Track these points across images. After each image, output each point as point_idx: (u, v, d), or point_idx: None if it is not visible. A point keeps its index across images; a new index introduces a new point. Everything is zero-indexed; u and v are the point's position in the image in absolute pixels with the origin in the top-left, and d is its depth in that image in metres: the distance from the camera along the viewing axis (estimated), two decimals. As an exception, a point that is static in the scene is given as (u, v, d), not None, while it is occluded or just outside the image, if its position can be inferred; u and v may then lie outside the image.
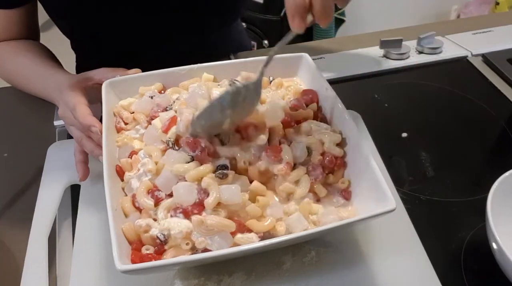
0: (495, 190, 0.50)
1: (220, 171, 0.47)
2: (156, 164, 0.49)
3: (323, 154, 0.51)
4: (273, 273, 0.49)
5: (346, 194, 0.50)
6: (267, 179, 0.50)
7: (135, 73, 0.59)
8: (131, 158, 0.51)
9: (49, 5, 0.74)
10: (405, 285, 0.48)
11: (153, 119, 0.53)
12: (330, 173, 0.51)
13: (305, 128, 0.53)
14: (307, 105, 0.57)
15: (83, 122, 0.52)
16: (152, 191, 0.47)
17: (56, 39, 1.09)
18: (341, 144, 0.53)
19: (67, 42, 0.89)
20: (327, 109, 0.58)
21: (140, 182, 0.48)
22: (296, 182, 0.49)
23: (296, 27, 0.45)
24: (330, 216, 0.47)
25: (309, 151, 0.51)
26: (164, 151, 0.50)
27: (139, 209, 0.47)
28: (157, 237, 0.43)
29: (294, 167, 0.50)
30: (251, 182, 0.48)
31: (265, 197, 0.48)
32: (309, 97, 0.58)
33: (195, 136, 0.48)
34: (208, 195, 0.45)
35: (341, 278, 0.49)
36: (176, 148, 0.49)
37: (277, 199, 0.49)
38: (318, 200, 0.50)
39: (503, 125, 0.73)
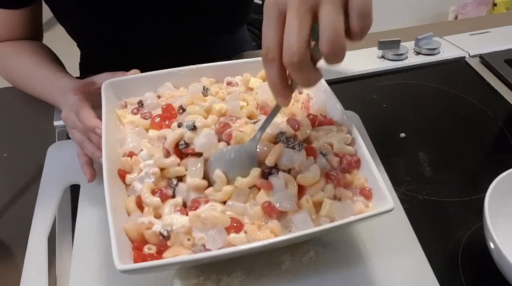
0: (493, 190, 0.50)
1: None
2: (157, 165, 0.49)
3: (338, 156, 0.50)
4: (272, 272, 0.49)
5: (366, 193, 0.48)
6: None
7: (134, 74, 0.59)
8: (131, 157, 0.51)
9: (54, 5, 0.74)
10: (403, 284, 0.49)
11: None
12: (347, 173, 0.50)
13: (313, 136, 0.52)
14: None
15: (88, 124, 0.53)
16: (154, 192, 0.47)
17: (57, 39, 1.09)
18: (351, 142, 0.52)
19: (68, 42, 0.89)
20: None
21: (143, 183, 0.48)
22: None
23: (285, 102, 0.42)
24: (345, 210, 0.46)
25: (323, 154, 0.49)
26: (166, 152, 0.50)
27: (141, 208, 0.47)
28: (160, 233, 0.44)
29: None
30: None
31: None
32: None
33: None
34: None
35: (339, 277, 0.49)
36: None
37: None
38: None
39: (501, 125, 0.73)
